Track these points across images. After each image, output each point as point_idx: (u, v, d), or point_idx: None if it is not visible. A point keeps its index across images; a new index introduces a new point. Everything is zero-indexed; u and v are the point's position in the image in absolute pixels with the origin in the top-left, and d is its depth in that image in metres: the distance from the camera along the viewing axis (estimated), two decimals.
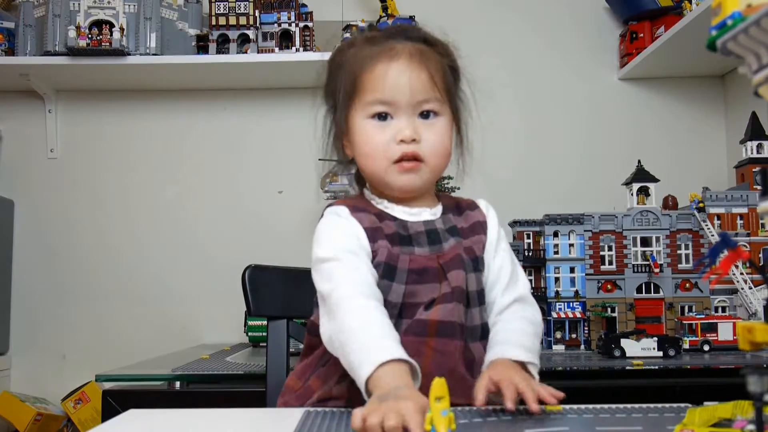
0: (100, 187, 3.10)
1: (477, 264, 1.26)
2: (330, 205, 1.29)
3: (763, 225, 2.26)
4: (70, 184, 3.09)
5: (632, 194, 2.30)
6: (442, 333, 1.19)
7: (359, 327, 1.08)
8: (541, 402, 1.04)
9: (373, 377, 1.00)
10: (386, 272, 1.18)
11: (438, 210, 1.29)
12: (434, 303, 1.19)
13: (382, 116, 1.21)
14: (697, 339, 2.09)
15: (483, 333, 1.25)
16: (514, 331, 1.22)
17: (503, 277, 1.28)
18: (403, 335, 1.13)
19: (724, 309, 2.23)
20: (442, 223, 1.27)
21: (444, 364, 1.17)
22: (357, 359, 1.04)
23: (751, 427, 0.59)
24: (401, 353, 1.02)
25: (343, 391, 1.17)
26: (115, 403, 1.68)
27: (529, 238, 2.37)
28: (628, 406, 1.13)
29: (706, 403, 1.04)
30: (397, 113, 1.21)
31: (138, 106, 3.11)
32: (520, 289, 1.29)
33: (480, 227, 1.30)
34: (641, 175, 2.31)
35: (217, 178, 3.10)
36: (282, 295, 1.52)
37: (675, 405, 1.12)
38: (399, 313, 1.19)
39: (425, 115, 1.23)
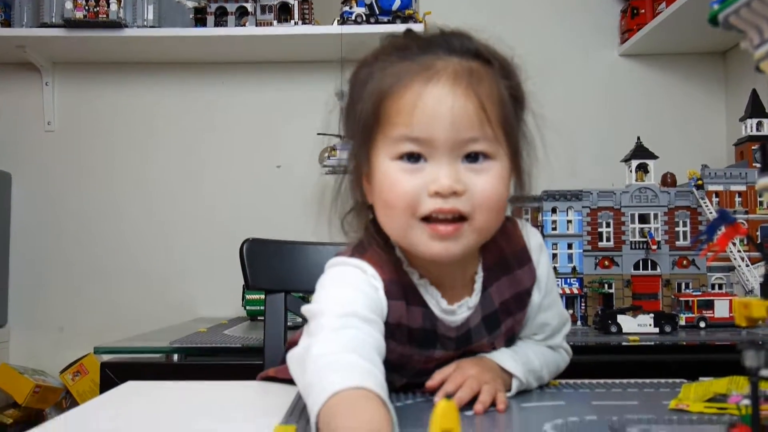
0: (97, 161, 3.09)
1: (513, 340, 1.09)
2: (351, 254, 0.99)
3: (761, 203, 2.26)
4: (68, 156, 3.08)
5: (631, 171, 2.29)
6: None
7: (326, 360, 0.81)
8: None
9: (327, 408, 0.73)
10: (390, 369, 0.88)
11: (477, 291, 1.02)
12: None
13: (412, 157, 0.91)
14: (693, 316, 2.09)
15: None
16: (527, 349, 1.08)
17: (543, 333, 1.10)
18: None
19: (720, 286, 2.24)
20: (480, 313, 1.02)
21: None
22: (312, 381, 0.78)
23: (747, 401, 0.60)
24: (376, 388, 0.75)
25: None
26: (113, 375, 1.69)
27: (527, 214, 2.37)
28: (624, 381, 1.13)
29: (701, 378, 1.05)
30: (433, 155, 0.90)
31: (135, 78, 3.09)
32: (556, 341, 1.12)
33: (526, 296, 1.05)
34: (640, 151, 2.30)
35: (214, 151, 3.09)
36: (280, 269, 1.52)
37: (670, 380, 1.13)
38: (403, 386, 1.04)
39: (472, 157, 0.91)
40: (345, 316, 0.88)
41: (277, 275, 1.51)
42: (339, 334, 0.85)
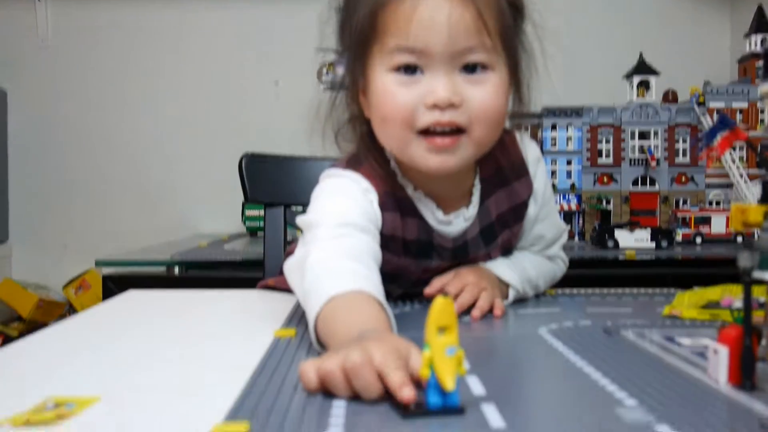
0: (94, 76, 3.06)
1: (509, 251, 1.09)
2: (345, 167, 0.99)
3: (762, 121, 2.25)
4: (64, 72, 3.05)
5: (632, 87, 2.27)
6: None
7: (323, 266, 0.82)
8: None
9: (325, 312, 0.73)
10: (387, 280, 0.86)
11: (474, 203, 1.02)
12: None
13: (409, 69, 0.89)
14: (690, 232, 2.11)
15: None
16: (523, 259, 1.09)
17: (539, 245, 1.11)
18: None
19: (718, 203, 2.24)
20: (477, 226, 1.02)
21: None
22: (310, 287, 0.79)
23: (739, 304, 0.60)
24: (373, 292, 0.76)
25: None
26: (115, 287, 1.71)
27: (527, 130, 2.35)
28: (619, 290, 1.15)
29: (695, 288, 1.06)
30: (429, 66, 0.88)
31: None
32: (552, 251, 1.12)
33: (523, 208, 1.06)
34: (642, 68, 2.28)
35: (213, 68, 3.06)
36: (279, 183, 1.52)
37: (665, 290, 1.14)
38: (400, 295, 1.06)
39: (470, 68, 0.89)
40: (341, 226, 0.88)
41: (276, 189, 1.52)
42: (336, 242, 0.86)
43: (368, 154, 0.98)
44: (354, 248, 0.85)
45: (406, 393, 0.53)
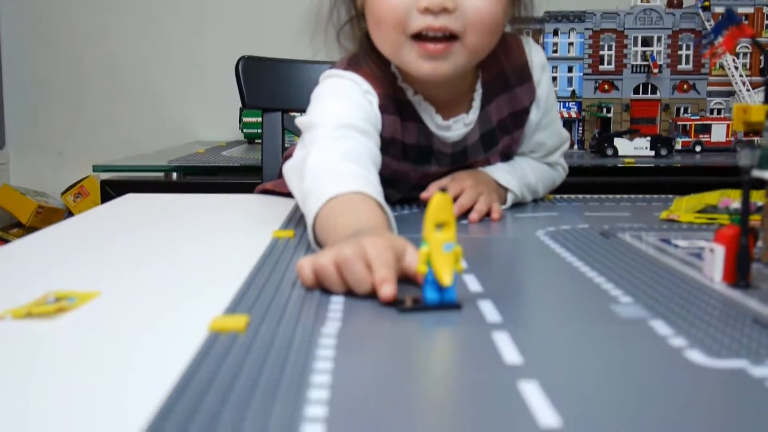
0: None
1: (509, 157, 1.08)
2: (345, 68, 0.97)
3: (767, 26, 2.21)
4: None
5: None
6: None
7: (323, 167, 0.81)
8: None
9: (323, 213, 0.73)
10: (385, 184, 0.84)
11: (475, 109, 1.00)
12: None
13: None
14: (689, 140, 2.09)
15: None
16: (523, 164, 1.08)
17: (539, 152, 1.10)
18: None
19: (720, 111, 2.22)
20: (477, 131, 1.01)
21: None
22: (310, 188, 0.78)
23: (736, 205, 0.60)
24: (372, 193, 0.75)
25: None
26: (113, 192, 1.71)
27: (528, 35, 2.31)
28: (617, 196, 1.15)
29: (693, 194, 1.06)
30: None
31: None
32: (553, 158, 1.11)
33: (524, 114, 1.04)
34: None
35: None
36: (276, 87, 1.50)
37: (663, 196, 1.14)
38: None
39: None
40: (341, 128, 0.87)
41: (274, 94, 1.50)
42: (336, 144, 0.85)
43: (368, 57, 0.96)
44: (353, 150, 0.84)
45: (385, 290, 0.53)
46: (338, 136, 0.86)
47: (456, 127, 1.00)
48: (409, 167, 1.00)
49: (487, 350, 0.45)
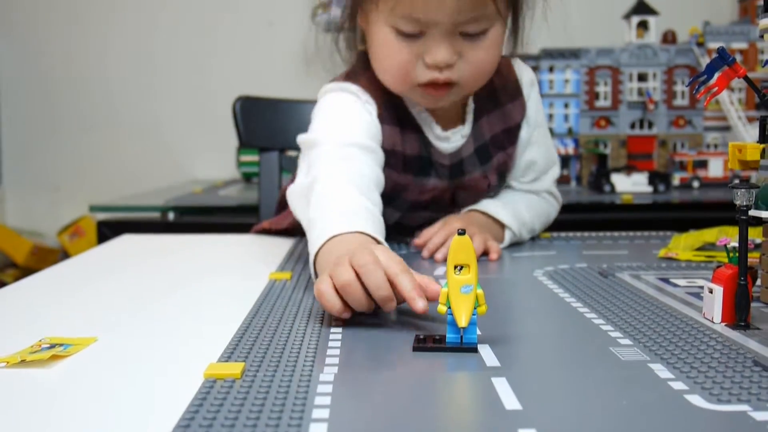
0: (85, 17, 3.01)
1: (505, 175, 1.10)
2: (344, 80, 1.00)
3: (761, 61, 2.22)
4: (55, 12, 3.00)
5: (631, 28, 2.24)
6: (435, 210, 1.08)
7: (330, 197, 0.83)
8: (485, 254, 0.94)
9: (325, 248, 0.74)
10: (385, 201, 0.90)
11: (469, 122, 1.04)
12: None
13: (409, 35, 0.91)
14: (687, 175, 2.10)
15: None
16: (516, 200, 1.08)
17: (531, 173, 1.10)
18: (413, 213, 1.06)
19: (716, 146, 2.23)
20: (472, 144, 1.04)
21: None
22: (315, 216, 0.80)
23: (734, 244, 0.60)
24: (374, 233, 0.76)
25: None
26: (109, 233, 1.70)
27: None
28: (615, 233, 1.14)
29: (691, 230, 1.05)
30: (430, 29, 0.89)
31: None
32: (545, 184, 1.12)
33: (517, 130, 1.07)
34: (641, 7, 2.24)
35: (206, 8, 3.01)
36: (273, 126, 1.50)
37: (661, 233, 1.14)
38: (395, 228, 1.05)
39: (468, 34, 0.91)
40: (345, 146, 0.90)
41: (271, 133, 1.50)
42: (341, 167, 0.87)
43: (367, 69, 0.99)
44: (359, 174, 0.87)
45: (419, 305, 0.58)
46: (343, 156, 0.89)
47: (454, 139, 1.03)
48: (409, 180, 1.02)
49: (486, 396, 0.45)
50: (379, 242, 0.74)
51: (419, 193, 1.03)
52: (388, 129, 0.98)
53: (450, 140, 1.02)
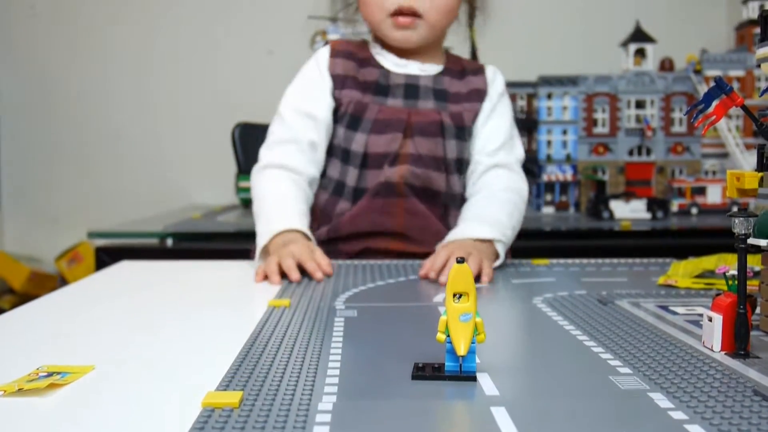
0: (85, 46, 3.03)
1: (462, 133, 1.23)
2: (327, 42, 1.29)
3: (758, 88, 2.24)
4: (55, 43, 3.02)
5: (628, 56, 2.25)
6: (413, 195, 1.19)
7: (266, 194, 1.16)
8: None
9: (273, 242, 1.06)
10: (351, 123, 1.20)
11: (431, 68, 1.25)
12: (398, 159, 1.19)
13: None
14: (685, 202, 2.10)
15: (463, 201, 1.24)
16: (490, 205, 1.17)
17: (493, 141, 1.24)
18: (372, 197, 1.19)
19: (714, 173, 2.24)
20: (431, 82, 1.24)
21: (417, 223, 1.20)
22: (259, 229, 1.11)
23: (734, 272, 0.60)
24: (295, 224, 1.08)
25: (322, 234, 1.19)
26: (108, 259, 1.70)
27: (522, 99, 2.34)
28: (614, 260, 1.14)
29: (690, 258, 1.05)
30: None
31: None
32: (509, 157, 1.24)
33: (477, 95, 1.26)
34: (639, 35, 2.25)
35: (205, 37, 3.03)
36: None
37: (660, 260, 1.14)
38: (362, 163, 1.20)
39: None
40: (286, 143, 1.20)
41: None
42: (279, 181, 1.17)
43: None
44: (291, 189, 1.16)
45: (317, 275, 0.97)
46: (282, 155, 1.19)
47: (411, 67, 1.24)
48: (369, 98, 1.21)
49: (485, 425, 0.44)
50: (305, 233, 1.08)
51: (378, 112, 1.20)
52: (339, 60, 1.23)
53: (407, 67, 1.24)
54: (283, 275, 0.98)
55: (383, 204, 1.19)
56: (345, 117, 1.21)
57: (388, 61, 1.24)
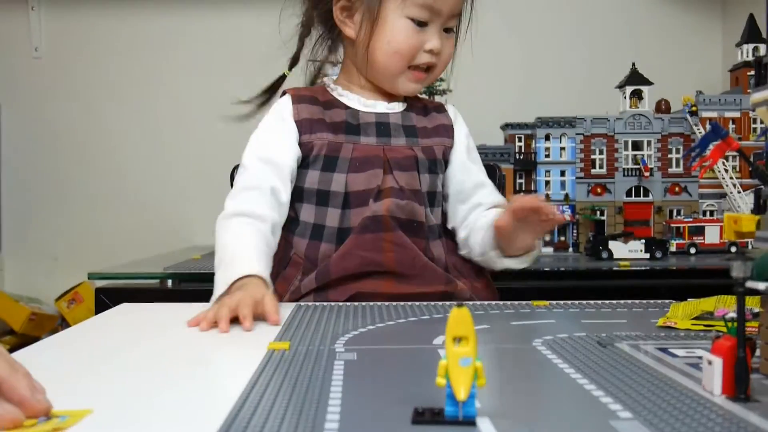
0: (87, 88, 3.06)
1: (435, 165, 1.29)
2: (284, 92, 1.33)
3: (755, 130, 2.26)
4: (57, 84, 3.05)
5: (625, 97, 2.28)
6: (399, 228, 1.21)
7: (227, 243, 1.15)
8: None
9: (232, 287, 1.05)
10: (327, 164, 1.23)
11: (396, 106, 1.31)
12: (382, 194, 1.22)
13: (421, 23, 1.23)
14: (684, 242, 2.11)
15: (440, 232, 1.29)
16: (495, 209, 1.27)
17: (482, 190, 1.33)
18: (359, 234, 1.20)
19: (712, 213, 2.25)
20: (399, 119, 1.30)
21: (405, 256, 1.21)
22: (218, 278, 1.10)
23: (733, 314, 0.60)
24: (254, 270, 1.07)
25: (311, 282, 1.20)
26: (108, 300, 1.70)
27: (520, 141, 2.36)
28: (614, 302, 1.14)
29: (689, 299, 1.06)
30: (432, 22, 1.23)
31: (124, 1, 3.04)
32: (499, 197, 1.34)
33: (444, 130, 1.32)
34: (635, 77, 2.28)
35: (205, 77, 3.05)
36: None
37: (659, 301, 1.14)
38: (344, 203, 1.22)
39: (449, 29, 1.27)
40: (248, 189, 1.22)
41: None
42: (241, 228, 1.17)
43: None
44: (252, 237, 1.15)
45: (246, 325, 0.92)
46: (244, 203, 1.20)
47: (378, 106, 1.30)
48: (342, 138, 1.25)
49: None
50: (265, 281, 1.06)
51: (354, 150, 1.24)
52: (303, 106, 1.26)
53: (376, 107, 1.29)
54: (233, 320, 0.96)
55: (372, 239, 1.20)
56: (319, 159, 1.24)
57: (355, 101, 1.30)
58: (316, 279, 1.20)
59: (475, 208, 1.30)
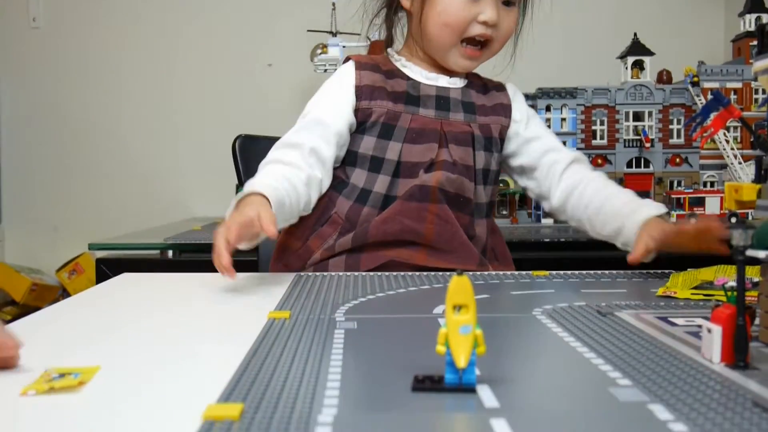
0: (86, 59, 3.04)
1: (490, 143, 1.28)
2: (348, 57, 1.31)
3: (756, 100, 2.25)
4: (56, 54, 3.04)
5: (627, 68, 2.26)
6: (445, 201, 1.21)
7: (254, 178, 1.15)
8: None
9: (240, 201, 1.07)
10: (384, 132, 1.22)
11: (458, 81, 1.30)
12: (434, 166, 1.21)
13: None
14: (684, 213, 2.10)
15: (488, 212, 1.29)
16: (620, 193, 1.25)
17: (558, 151, 1.31)
18: (405, 200, 1.20)
19: (712, 184, 2.24)
20: (459, 95, 1.28)
21: (446, 230, 1.21)
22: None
23: (733, 283, 0.60)
24: (256, 188, 1.07)
25: (347, 242, 1.20)
26: (108, 271, 1.70)
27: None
28: (614, 272, 1.15)
29: (689, 269, 1.06)
30: None
31: None
32: (572, 153, 1.32)
33: (502, 109, 1.31)
34: (636, 48, 2.27)
35: (206, 50, 3.04)
36: None
37: (659, 271, 1.14)
38: (395, 171, 1.21)
39: (508, 2, 1.24)
40: (291, 147, 1.20)
41: None
42: (271, 168, 1.17)
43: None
44: (281, 169, 1.16)
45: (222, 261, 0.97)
46: (284, 153, 1.19)
47: (441, 80, 1.28)
48: (401, 108, 1.24)
49: None
50: (263, 194, 1.05)
51: (412, 121, 1.23)
52: (366, 73, 1.25)
53: (437, 80, 1.27)
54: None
55: (416, 208, 1.20)
56: (376, 126, 1.23)
57: (417, 73, 1.28)
58: (353, 240, 1.21)
59: (552, 167, 1.30)
